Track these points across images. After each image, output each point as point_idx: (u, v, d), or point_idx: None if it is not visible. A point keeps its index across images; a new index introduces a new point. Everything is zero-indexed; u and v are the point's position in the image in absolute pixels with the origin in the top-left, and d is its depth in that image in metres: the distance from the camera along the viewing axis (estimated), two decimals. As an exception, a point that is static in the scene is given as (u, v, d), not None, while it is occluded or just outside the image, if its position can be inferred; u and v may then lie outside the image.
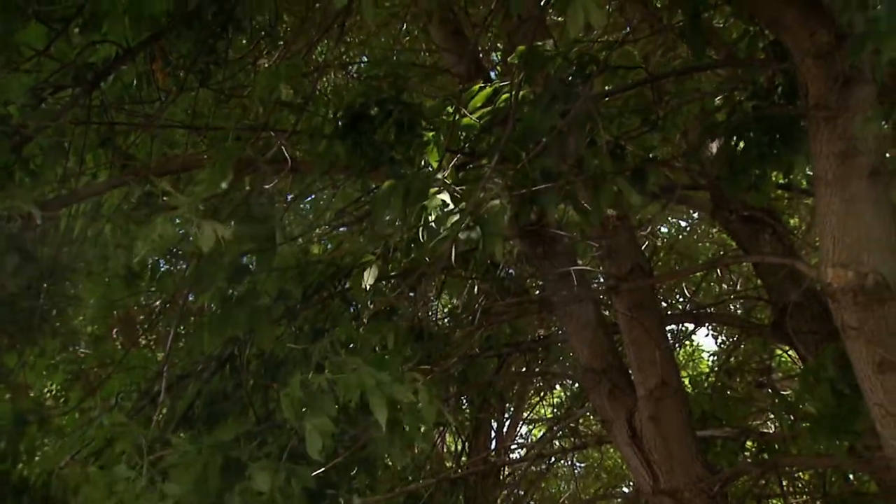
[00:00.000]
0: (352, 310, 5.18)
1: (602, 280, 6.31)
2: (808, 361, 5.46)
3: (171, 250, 6.52)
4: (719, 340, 9.91)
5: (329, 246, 6.44)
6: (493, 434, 9.81)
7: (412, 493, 6.61)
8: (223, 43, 4.64)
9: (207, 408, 4.87)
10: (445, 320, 7.20)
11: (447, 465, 9.12)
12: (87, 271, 5.62)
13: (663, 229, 9.30)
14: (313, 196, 6.93)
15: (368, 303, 5.00)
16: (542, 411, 11.16)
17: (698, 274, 8.62)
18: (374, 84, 4.18)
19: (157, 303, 7.67)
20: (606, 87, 4.56)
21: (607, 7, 6.06)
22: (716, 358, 10.26)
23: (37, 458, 4.82)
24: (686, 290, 9.17)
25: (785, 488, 6.91)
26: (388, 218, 3.91)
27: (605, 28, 6.12)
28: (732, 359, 8.15)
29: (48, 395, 7.33)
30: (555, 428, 8.80)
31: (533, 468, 9.00)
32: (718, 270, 9.00)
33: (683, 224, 9.68)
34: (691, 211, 8.68)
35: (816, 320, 5.61)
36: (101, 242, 4.83)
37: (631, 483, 9.95)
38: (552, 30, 5.40)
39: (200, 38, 4.38)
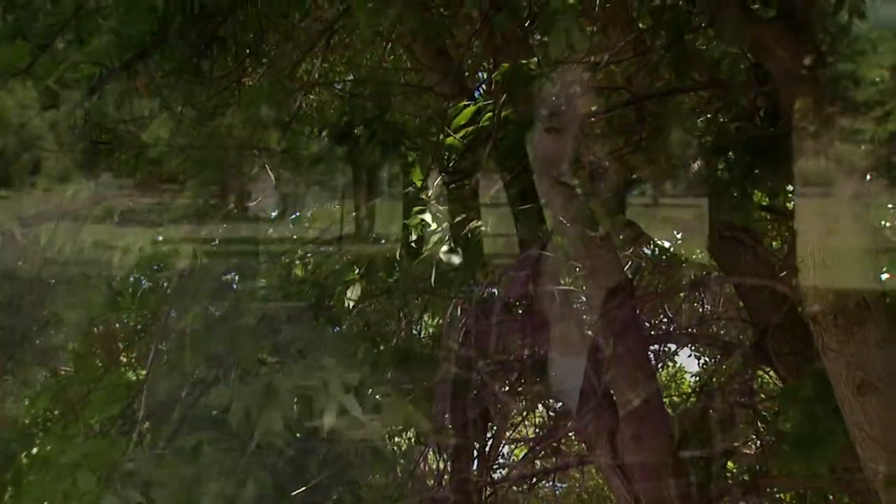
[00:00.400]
0: (335, 330, 5.16)
1: (585, 300, 6.30)
2: (787, 382, 5.47)
3: (153, 267, 6.47)
4: (702, 361, 9.90)
5: (310, 265, 6.41)
6: (475, 453, 9.75)
7: (394, 513, 6.58)
8: (207, 62, 4.63)
9: (192, 430, 4.83)
10: (429, 339, 7.18)
11: (429, 483, 9.06)
12: (69, 287, 5.57)
13: (646, 250, 9.28)
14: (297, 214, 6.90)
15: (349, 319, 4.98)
16: (525, 431, 11.12)
17: (681, 294, 8.63)
18: (358, 103, 4.18)
19: (139, 319, 7.59)
20: (592, 108, 4.57)
21: (591, 28, 6.08)
22: (698, 378, 10.24)
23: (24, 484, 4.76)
24: (668, 311, 9.16)
25: (766, 509, 6.90)
26: (372, 236, 3.91)
27: (589, 49, 6.15)
28: (714, 379, 8.14)
29: (28, 417, 7.23)
30: (537, 448, 8.77)
31: (515, 488, 8.95)
32: (701, 291, 9.00)
33: (667, 244, 9.66)
34: (675, 231, 8.67)
35: (798, 341, 5.61)
36: (82, 258, 4.79)
37: (613, 504, 9.91)
38: (536, 51, 5.42)
39: (185, 57, 4.37)
